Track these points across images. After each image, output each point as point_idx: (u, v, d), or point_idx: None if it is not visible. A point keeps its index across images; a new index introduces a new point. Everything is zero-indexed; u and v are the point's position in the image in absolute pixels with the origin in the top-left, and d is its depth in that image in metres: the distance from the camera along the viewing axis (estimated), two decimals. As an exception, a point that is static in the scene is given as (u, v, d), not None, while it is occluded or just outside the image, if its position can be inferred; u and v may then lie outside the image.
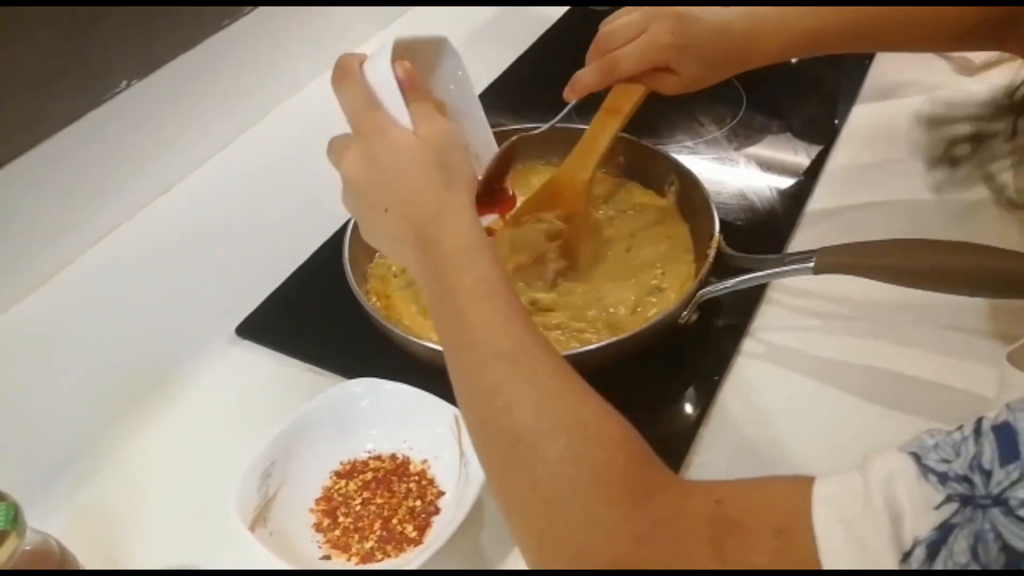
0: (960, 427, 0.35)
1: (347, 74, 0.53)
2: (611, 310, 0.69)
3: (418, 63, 0.54)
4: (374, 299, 0.72)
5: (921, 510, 0.33)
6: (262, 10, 0.93)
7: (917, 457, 0.35)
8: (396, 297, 0.72)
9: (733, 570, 0.37)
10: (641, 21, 0.63)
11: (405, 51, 0.53)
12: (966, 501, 0.33)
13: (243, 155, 0.95)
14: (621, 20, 0.64)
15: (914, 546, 0.33)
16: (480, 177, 0.57)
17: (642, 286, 0.71)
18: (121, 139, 0.83)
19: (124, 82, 0.82)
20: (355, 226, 0.72)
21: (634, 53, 0.63)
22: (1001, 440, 0.33)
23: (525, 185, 0.80)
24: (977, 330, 0.67)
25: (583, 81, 0.65)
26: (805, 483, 0.37)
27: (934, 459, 0.34)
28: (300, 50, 0.99)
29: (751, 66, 0.67)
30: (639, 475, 0.41)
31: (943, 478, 0.33)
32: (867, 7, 0.66)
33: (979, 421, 0.35)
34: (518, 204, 0.66)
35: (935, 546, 0.32)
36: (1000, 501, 0.32)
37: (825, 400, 0.64)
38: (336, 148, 0.54)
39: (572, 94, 0.66)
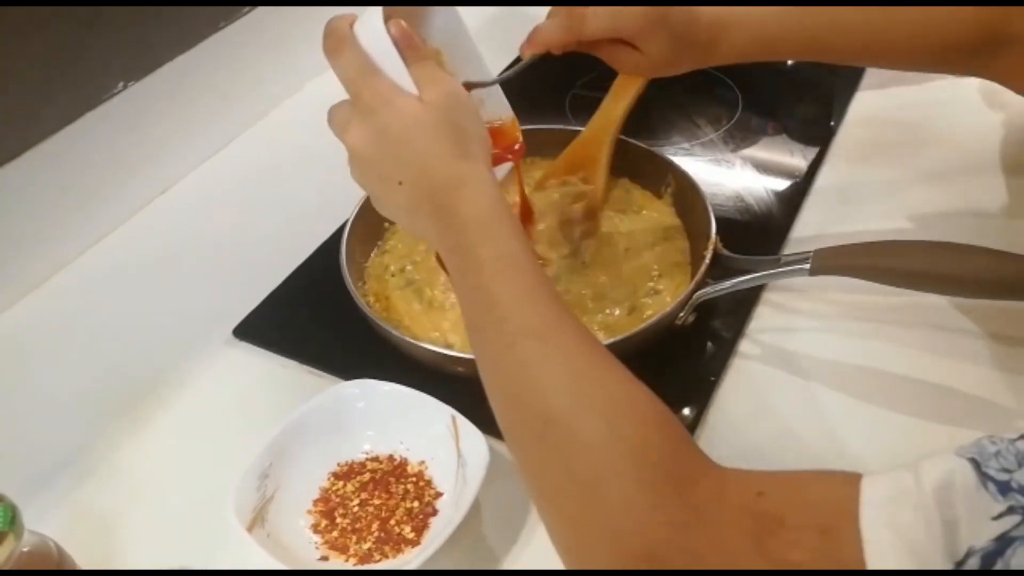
0: (1023, 436, 0.34)
1: (340, 40, 0.51)
2: (607, 311, 0.69)
3: (409, 13, 0.53)
4: (372, 299, 0.72)
5: (978, 518, 0.32)
6: (259, 11, 0.93)
7: (977, 464, 0.34)
8: (395, 297, 0.72)
9: (774, 568, 0.36)
10: None
11: (396, 10, 0.51)
12: None
13: (240, 157, 0.95)
14: None
15: (968, 555, 0.32)
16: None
17: (639, 288, 0.71)
18: (118, 141, 0.83)
19: (121, 83, 0.82)
20: (352, 227, 0.72)
21: (606, 13, 0.59)
22: None
23: (529, 179, 0.80)
24: (973, 332, 0.67)
25: (543, 35, 0.59)
26: (852, 481, 0.36)
27: (995, 467, 0.33)
28: (297, 52, 0.99)
29: (714, 61, 0.64)
30: (677, 459, 0.40)
31: (1004, 488, 0.32)
32: (838, 21, 0.63)
33: None
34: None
35: (991, 557, 0.32)
36: None
37: (822, 401, 0.65)
38: (338, 119, 0.52)
39: (529, 48, 0.60)
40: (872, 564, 0.33)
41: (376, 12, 0.50)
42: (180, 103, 0.89)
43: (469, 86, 0.55)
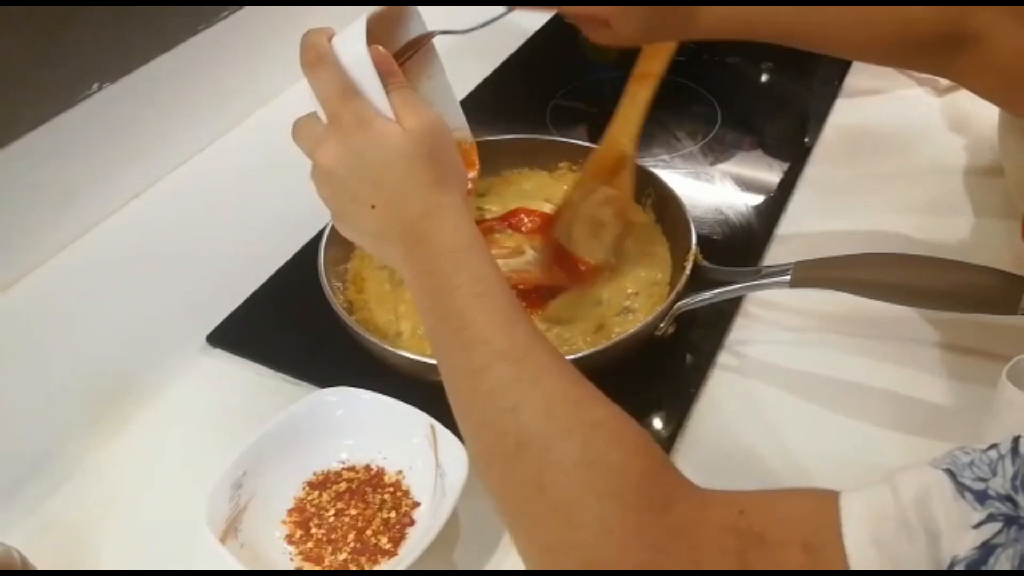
0: (995, 446, 0.35)
1: (320, 57, 0.50)
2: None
3: (386, 30, 0.52)
4: (349, 286, 0.72)
5: (959, 528, 0.32)
6: (238, 16, 0.93)
7: (952, 474, 0.34)
8: (371, 278, 0.72)
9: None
10: None
11: (375, 24, 0.51)
12: (1010, 521, 0.32)
13: (217, 161, 0.94)
14: None
15: (952, 565, 0.32)
16: None
17: (613, 306, 0.70)
18: (93, 142, 0.82)
19: (96, 84, 0.81)
20: (331, 233, 0.72)
21: None
22: None
23: (519, 192, 0.81)
24: (950, 345, 0.68)
25: None
26: (831, 497, 0.36)
27: (970, 477, 0.34)
28: (277, 56, 0.98)
29: (691, 36, 0.64)
30: (657, 481, 0.40)
31: (981, 496, 0.33)
32: (807, 10, 0.64)
33: (1016, 440, 0.34)
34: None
35: (975, 566, 0.32)
36: None
37: (800, 413, 0.65)
38: (308, 135, 0.52)
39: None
40: None
41: (359, 32, 0.49)
42: (156, 106, 0.88)
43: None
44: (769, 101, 1.02)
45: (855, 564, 0.33)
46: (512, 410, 0.42)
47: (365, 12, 0.50)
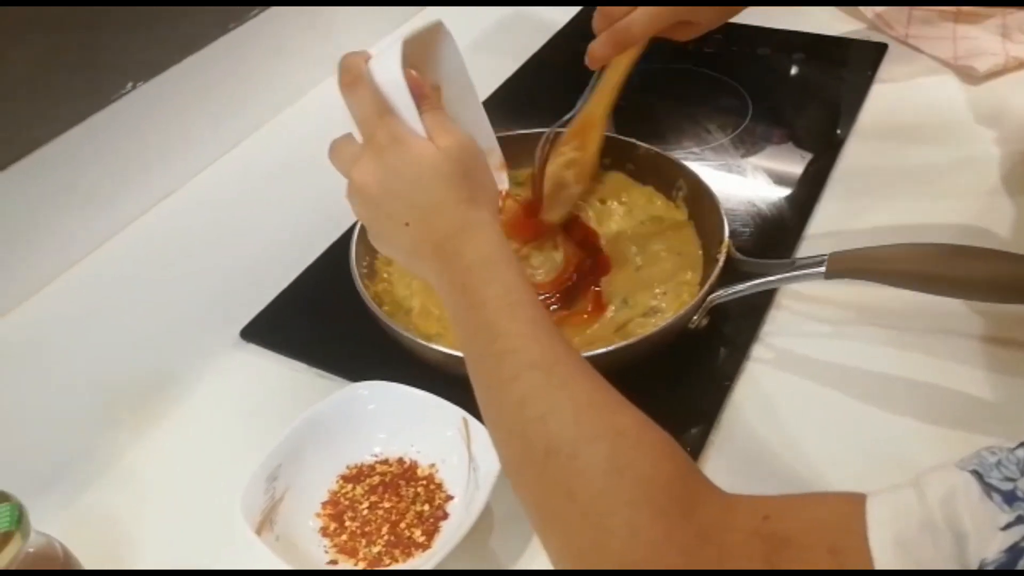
0: (1023, 444, 0.34)
1: (355, 78, 0.51)
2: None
3: (419, 53, 0.53)
4: (383, 283, 0.72)
5: (986, 530, 0.32)
6: (268, 13, 0.93)
7: (979, 475, 0.34)
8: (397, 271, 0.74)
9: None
10: None
11: (409, 47, 0.52)
12: None
13: (250, 157, 0.95)
14: None
15: (980, 567, 0.32)
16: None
17: (639, 306, 0.70)
18: (127, 141, 0.83)
19: (130, 84, 0.82)
20: (362, 228, 0.72)
21: (644, 16, 0.63)
22: None
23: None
24: (991, 337, 0.67)
25: (598, 53, 0.65)
26: (857, 501, 0.36)
27: (997, 477, 0.33)
28: (307, 53, 0.99)
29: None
30: (684, 486, 0.40)
31: (1009, 497, 0.33)
32: None
33: None
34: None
35: (1005, 568, 0.32)
36: None
37: (836, 406, 0.64)
38: (344, 154, 0.53)
39: (593, 65, 0.67)
40: None
41: (395, 56, 0.50)
42: (189, 104, 0.88)
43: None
44: (800, 92, 1.01)
45: (880, 566, 0.33)
46: (541, 418, 0.43)
47: (401, 35, 0.51)
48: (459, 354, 0.62)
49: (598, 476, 0.40)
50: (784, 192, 0.84)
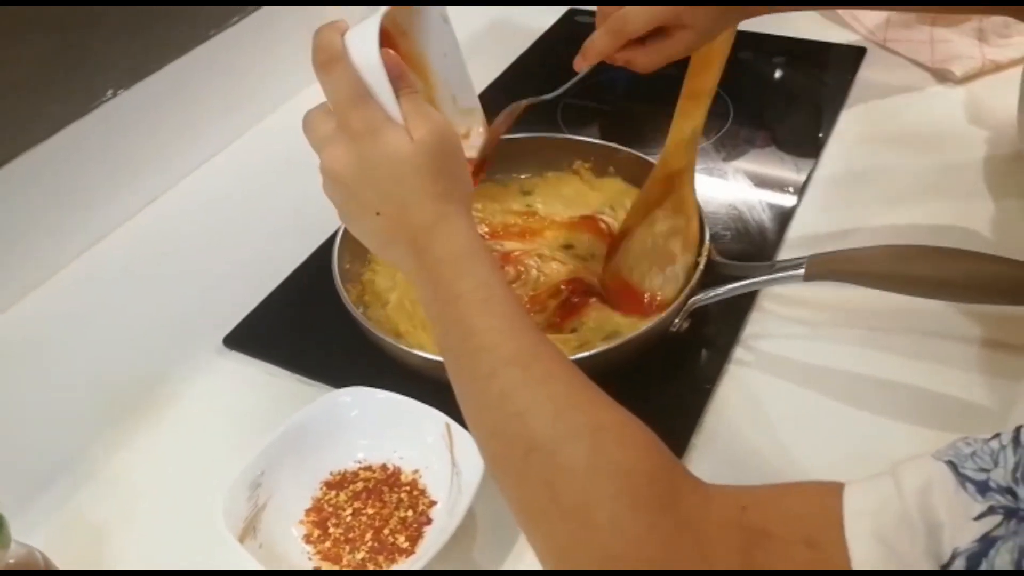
0: (997, 435, 0.35)
1: (332, 57, 0.49)
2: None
3: (404, 19, 0.53)
4: (368, 272, 0.73)
5: (960, 520, 0.33)
6: (248, 19, 0.93)
7: (954, 466, 0.34)
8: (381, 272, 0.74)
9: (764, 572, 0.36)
10: None
11: (389, 23, 0.51)
12: (1010, 514, 0.32)
13: (231, 164, 0.95)
14: None
15: (953, 557, 0.32)
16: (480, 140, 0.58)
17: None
18: (108, 148, 0.83)
19: (110, 91, 0.82)
20: (344, 234, 0.72)
21: (645, 10, 0.60)
22: None
23: (556, 195, 0.81)
24: (966, 336, 0.68)
25: (594, 47, 0.62)
26: (834, 491, 0.36)
27: (971, 468, 0.34)
28: (287, 60, 0.99)
29: (756, 11, 0.64)
30: (664, 480, 0.40)
31: (982, 488, 0.33)
32: None
33: (1018, 430, 0.34)
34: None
35: (976, 558, 0.32)
36: None
37: (816, 407, 0.65)
38: (317, 131, 0.51)
39: (583, 62, 0.63)
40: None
41: (372, 36, 0.49)
42: (170, 111, 0.88)
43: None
44: (782, 96, 1.02)
45: (857, 559, 0.34)
46: (520, 415, 0.43)
47: (379, 12, 0.50)
48: (441, 359, 0.62)
49: (579, 472, 0.41)
50: (766, 195, 0.85)
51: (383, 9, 0.50)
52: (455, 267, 0.48)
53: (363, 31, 0.50)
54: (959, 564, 0.32)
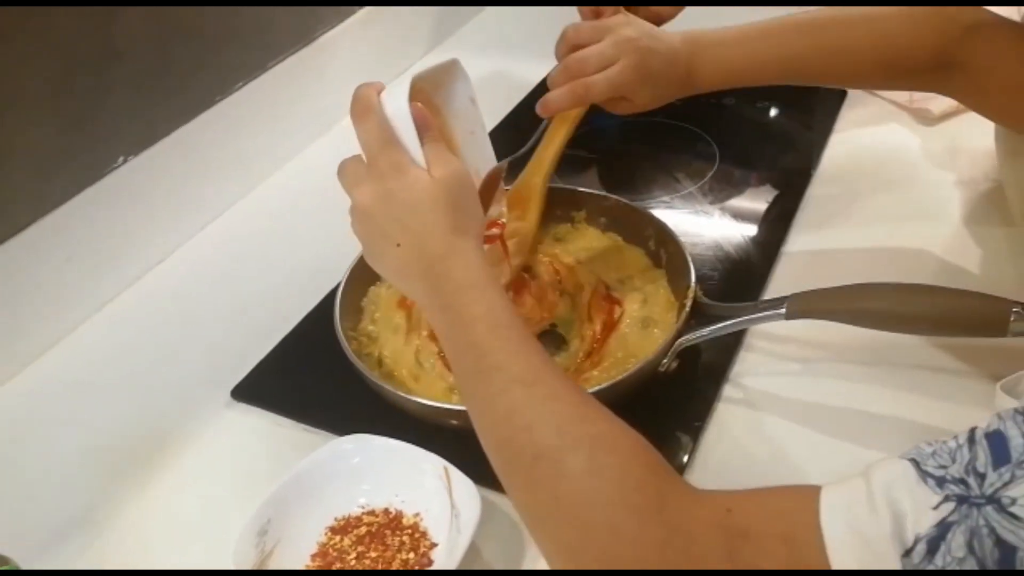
0: (955, 437, 0.39)
1: (366, 108, 0.57)
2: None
3: (434, 85, 0.60)
4: (363, 346, 0.74)
5: (921, 510, 0.37)
6: (252, 86, 0.97)
7: (916, 463, 0.38)
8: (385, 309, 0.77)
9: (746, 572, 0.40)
10: (612, 54, 0.69)
11: (421, 82, 0.59)
12: (962, 500, 0.36)
13: (236, 224, 0.98)
14: (593, 49, 0.70)
15: (915, 542, 0.36)
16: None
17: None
18: (118, 212, 0.86)
19: (121, 158, 0.86)
20: (347, 286, 0.75)
21: (605, 83, 0.69)
22: (993, 446, 0.37)
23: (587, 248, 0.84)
24: (944, 368, 0.70)
25: (556, 103, 0.71)
26: (811, 491, 0.40)
27: (932, 464, 0.38)
28: (289, 124, 1.03)
29: (695, 92, 0.74)
30: (654, 483, 0.45)
31: (940, 481, 0.37)
32: (805, 41, 0.73)
33: (972, 431, 0.39)
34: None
35: (934, 542, 0.36)
36: (993, 500, 0.36)
37: (805, 442, 0.66)
38: (350, 174, 0.58)
39: (545, 112, 0.72)
40: (834, 560, 0.38)
41: (403, 89, 0.56)
42: (177, 175, 0.92)
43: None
44: (766, 139, 1.05)
45: (831, 545, 0.38)
46: (527, 428, 0.48)
47: (413, 72, 0.58)
48: (440, 405, 0.65)
49: (579, 479, 0.45)
50: (751, 235, 0.88)
51: (417, 69, 0.59)
52: (469, 295, 0.53)
53: (396, 88, 0.57)
54: (920, 548, 0.36)
